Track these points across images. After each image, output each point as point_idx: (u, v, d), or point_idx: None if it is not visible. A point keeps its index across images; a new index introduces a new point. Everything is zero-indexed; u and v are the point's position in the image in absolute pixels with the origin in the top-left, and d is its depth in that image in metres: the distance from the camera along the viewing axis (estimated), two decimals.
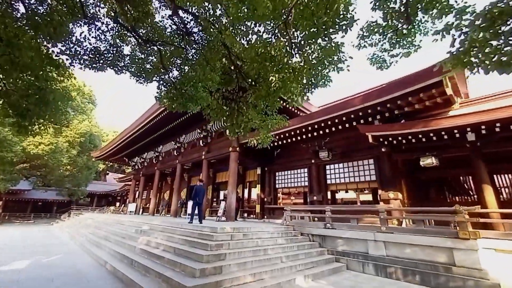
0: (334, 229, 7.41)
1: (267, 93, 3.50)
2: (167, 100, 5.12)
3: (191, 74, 5.08)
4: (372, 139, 7.90)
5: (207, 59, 4.49)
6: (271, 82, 3.08)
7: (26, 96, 3.28)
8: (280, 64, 2.95)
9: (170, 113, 11.94)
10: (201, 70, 4.52)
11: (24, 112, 3.32)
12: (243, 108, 3.70)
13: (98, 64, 5.41)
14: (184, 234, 6.60)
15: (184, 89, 5.14)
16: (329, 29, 2.43)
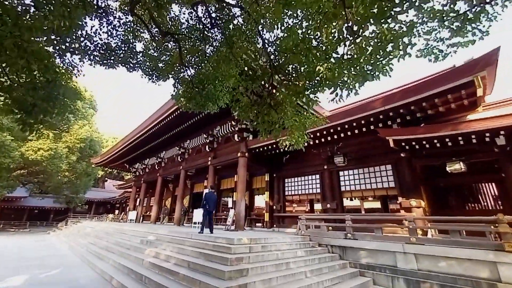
0: (356, 240, 6.91)
1: (304, 88, 3.10)
2: (184, 99, 4.71)
3: (210, 71, 4.69)
4: (393, 144, 7.51)
5: (233, 52, 4.10)
6: (316, 73, 2.69)
7: (32, 90, 2.87)
8: (329, 52, 2.56)
9: (177, 117, 11.52)
10: (224, 65, 4.12)
11: (29, 108, 2.89)
12: (276, 105, 3.30)
13: (109, 61, 5.02)
14: (197, 245, 6.07)
15: (202, 87, 4.74)
16: (396, 7, 2.06)
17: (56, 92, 3.05)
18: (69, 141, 20.96)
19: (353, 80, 2.49)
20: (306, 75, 3.05)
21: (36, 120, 3.03)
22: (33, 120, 3.02)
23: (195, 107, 4.98)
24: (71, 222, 24.14)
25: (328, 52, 2.59)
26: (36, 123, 3.06)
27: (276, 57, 3.26)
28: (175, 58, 4.71)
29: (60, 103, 3.20)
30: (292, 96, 3.17)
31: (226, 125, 12.31)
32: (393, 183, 8.65)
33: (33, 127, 3.07)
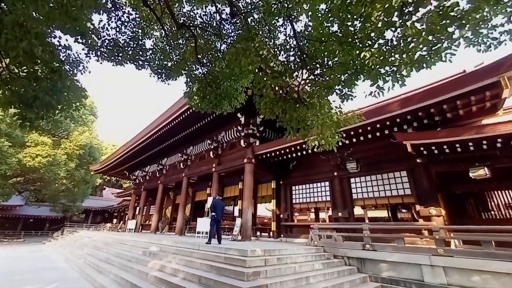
0: (375, 251, 6.44)
1: (339, 81, 2.77)
2: (198, 98, 4.37)
3: (225, 67, 4.37)
4: (411, 148, 7.16)
5: (254, 45, 3.79)
6: (357, 62, 2.36)
7: (34, 80, 2.52)
8: (374, 38, 2.25)
9: (183, 121, 11.17)
10: (244, 58, 3.80)
11: (30, 101, 2.54)
12: (306, 101, 2.95)
13: (117, 57, 4.69)
14: (206, 257, 5.60)
15: (217, 85, 4.41)
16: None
17: (61, 84, 2.70)
18: (68, 148, 20.49)
19: (408, 67, 2.16)
20: (341, 66, 2.72)
21: (37, 115, 2.67)
22: (34, 115, 2.66)
23: (208, 107, 4.65)
24: (67, 232, 23.35)
25: (371, 38, 2.28)
26: (37, 119, 2.70)
27: (306, 47, 2.94)
28: (189, 53, 4.40)
29: (64, 97, 2.84)
30: (324, 90, 2.83)
31: (232, 130, 11.97)
32: (409, 190, 8.25)
33: (33, 123, 2.71)
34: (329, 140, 3.11)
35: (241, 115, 10.72)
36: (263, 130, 11.41)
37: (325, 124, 3.05)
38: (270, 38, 4.17)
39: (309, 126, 3.11)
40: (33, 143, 17.38)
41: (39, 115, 2.71)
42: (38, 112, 2.68)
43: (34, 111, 2.62)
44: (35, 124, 2.76)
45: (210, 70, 4.60)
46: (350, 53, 2.52)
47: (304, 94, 3.03)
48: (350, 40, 2.51)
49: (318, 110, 2.93)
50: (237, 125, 11.26)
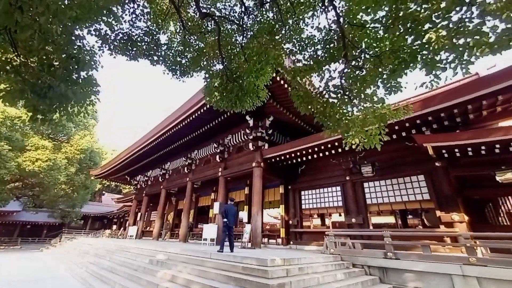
0: (398, 260, 6.06)
1: (390, 69, 2.48)
2: (218, 94, 4.07)
3: (245, 63, 4.10)
4: (432, 151, 6.88)
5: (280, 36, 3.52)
6: (423, 44, 2.08)
7: (49, 68, 2.22)
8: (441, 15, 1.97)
9: (193, 121, 10.81)
10: (266, 52, 3.52)
11: (43, 90, 2.24)
12: (348, 93, 2.66)
13: (131, 52, 4.41)
14: (221, 267, 5.21)
15: (240, 81, 4.12)
16: None
17: (77, 74, 2.40)
18: (69, 152, 20.09)
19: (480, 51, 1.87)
20: (391, 54, 2.44)
21: (51, 107, 2.36)
22: (47, 107, 2.34)
23: (228, 104, 4.35)
24: (65, 238, 22.73)
25: (432, 20, 2.00)
26: (50, 111, 2.39)
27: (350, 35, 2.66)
28: (209, 47, 4.12)
29: (80, 89, 2.54)
30: (368, 82, 2.54)
31: (239, 133, 11.67)
32: (427, 195, 7.91)
33: (46, 116, 2.39)
34: (371, 137, 2.80)
35: (250, 118, 10.44)
36: (272, 133, 11.11)
37: (369, 119, 2.75)
38: (296, 30, 3.90)
39: (350, 121, 2.81)
40: (33, 147, 17.00)
41: (52, 107, 2.41)
42: (52, 104, 2.38)
43: (47, 102, 2.32)
44: (47, 117, 2.44)
45: (230, 65, 4.32)
46: (404, 39, 2.24)
47: (346, 86, 2.74)
48: (403, 23, 2.23)
49: (361, 103, 2.64)
50: (245, 128, 10.96)
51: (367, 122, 2.76)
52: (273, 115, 10.24)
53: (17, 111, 15.68)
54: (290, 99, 8.61)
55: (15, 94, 2.19)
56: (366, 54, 2.64)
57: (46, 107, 2.36)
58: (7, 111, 14.97)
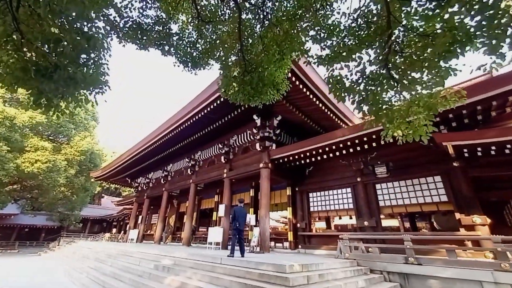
0: (421, 265, 5.71)
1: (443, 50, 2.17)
2: (237, 85, 3.75)
3: (262, 53, 3.80)
4: (452, 150, 6.56)
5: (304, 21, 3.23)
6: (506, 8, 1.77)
7: (55, 43, 1.91)
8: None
9: (198, 121, 10.46)
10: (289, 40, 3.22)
11: (49, 70, 1.92)
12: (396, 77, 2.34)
13: (141, 41, 4.10)
14: (235, 273, 4.84)
15: (260, 71, 3.81)
16: None
17: (87, 55, 2.09)
18: (69, 153, 19.70)
19: None
20: (444, 32, 2.13)
21: (56, 91, 2.04)
22: (52, 91, 2.02)
23: (245, 98, 4.03)
24: (64, 242, 22.21)
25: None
26: (57, 96, 2.07)
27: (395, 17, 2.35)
28: (226, 35, 3.82)
29: (89, 72, 2.22)
30: (420, 63, 2.23)
31: (245, 133, 11.35)
32: (445, 196, 7.57)
33: (51, 101, 2.07)
34: (418, 129, 2.48)
35: (257, 117, 10.13)
36: (279, 133, 10.79)
37: (414, 108, 2.43)
38: (322, 16, 3.61)
39: (391, 111, 2.50)
40: (33, 148, 16.63)
41: (58, 92, 2.09)
42: (58, 88, 2.06)
43: (51, 86, 2.00)
44: (53, 103, 2.12)
45: (247, 55, 4.01)
46: None
47: (385, 72, 2.42)
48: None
49: (404, 90, 2.32)
50: (252, 128, 10.64)
51: (412, 112, 2.44)
52: (281, 114, 9.93)
53: (16, 110, 15.38)
54: (301, 97, 8.36)
55: (16, 72, 1.87)
56: (414, 33, 2.34)
57: (51, 91, 2.04)
58: (6, 111, 14.64)
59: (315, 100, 8.32)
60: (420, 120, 2.47)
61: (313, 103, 8.42)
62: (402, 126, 2.56)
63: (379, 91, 2.47)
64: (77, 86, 2.18)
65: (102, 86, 2.58)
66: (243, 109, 9.24)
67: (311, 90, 7.98)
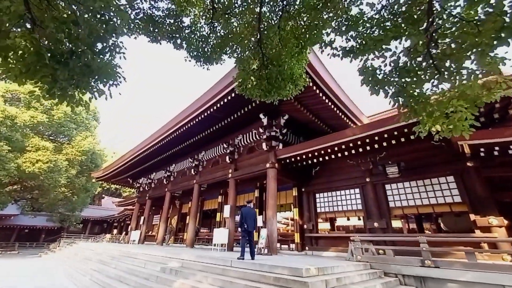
0: (438, 268, 5.51)
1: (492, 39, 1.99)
2: (255, 79, 3.57)
3: (278, 46, 3.63)
4: (469, 149, 6.38)
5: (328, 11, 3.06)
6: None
7: (71, 26, 1.72)
8: None
9: (205, 119, 10.24)
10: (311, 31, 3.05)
11: (65, 56, 1.74)
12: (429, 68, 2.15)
13: (153, 33, 3.92)
14: (248, 277, 4.65)
15: (278, 64, 3.63)
16: None
17: (104, 42, 1.90)
18: (70, 153, 19.50)
19: None
20: (492, 17, 1.96)
21: (71, 80, 1.86)
22: (66, 81, 1.83)
23: (261, 93, 3.85)
24: (65, 243, 21.97)
25: None
26: (72, 85, 1.88)
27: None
28: (243, 26, 3.63)
29: (106, 60, 2.03)
30: (463, 52, 2.05)
31: (251, 133, 11.16)
32: (458, 197, 7.39)
33: (66, 90, 1.88)
34: (458, 123, 2.30)
35: (264, 116, 9.95)
36: (285, 133, 10.61)
37: (454, 102, 2.25)
38: (344, 7, 3.44)
39: (427, 104, 2.32)
40: (34, 148, 16.42)
41: (74, 81, 1.90)
42: (73, 76, 1.88)
43: (66, 73, 1.81)
44: (67, 92, 1.93)
45: (264, 49, 3.82)
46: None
47: (421, 62, 2.24)
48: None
49: (450, 79, 2.14)
50: (258, 127, 10.46)
51: (453, 105, 2.26)
52: (289, 113, 9.75)
53: (17, 110, 15.18)
54: (311, 95, 8.17)
55: (29, 57, 1.68)
56: (456, 21, 2.16)
57: (66, 79, 1.85)
58: (7, 110, 14.45)
59: (324, 98, 8.14)
60: (462, 113, 2.28)
61: (322, 101, 8.24)
62: (440, 120, 2.38)
63: (416, 82, 2.28)
64: (93, 75, 1.99)
65: (117, 77, 2.39)
66: (254, 105, 8.97)
67: (321, 88, 7.80)
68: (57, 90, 1.89)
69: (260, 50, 3.49)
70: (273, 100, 4.12)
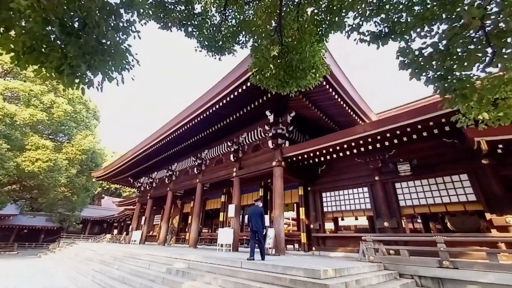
0: (457, 269, 5.29)
1: None
2: (274, 68, 3.34)
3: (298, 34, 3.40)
4: (486, 146, 6.16)
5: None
6: None
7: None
8: None
9: (209, 116, 9.98)
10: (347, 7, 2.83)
11: (78, 28, 1.51)
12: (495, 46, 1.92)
13: (163, 19, 3.68)
14: (262, 279, 4.41)
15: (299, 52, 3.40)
16: None
17: (117, 17, 1.67)
18: (70, 152, 19.22)
19: None
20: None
21: (84, 57, 1.63)
22: (77, 58, 1.60)
23: (278, 83, 3.61)
24: (64, 243, 21.67)
25: None
26: (84, 62, 1.64)
27: None
28: (261, 11, 3.40)
29: (119, 37, 1.80)
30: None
31: (256, 131, 10.93)
32: (473, 196, 7.17)
33: (76, 70, 1.64)
34: (508, 111, 2.08)
35: (270, 113, 9.72)
36: (291, 131, 10.38)
37: (503, 88, 2.02)
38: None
39: (473, 89, 2.09)
40: (34, 146, 16.14)
41: (86, 57, 1.67)
42: (84, 54, 1.65)
43: (77, 49, 1.58)
44: (80, 70, 1.69)
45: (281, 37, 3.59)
46: None
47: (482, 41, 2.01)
48: None
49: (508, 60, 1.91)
50: (264, 125, 10.23)
51: (504, 90, 2.04)
52: (295, 110, 9.52)
53: (16, 107, 14.90)
54: (321, 90, 7.93)
55: (36, 27, 1.44)
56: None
57: (76, 57, 1.61)
58: (6, 108, 14.18)
59: (334, 94, 7.91)
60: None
61: (332, 97, 8.02)
62: (487, 107, 2.15)
63: (464, 65, 2.06)
64: (106, 54, 1.76)
65: (130, 59, 2.16)
66: (264, 99, 8.69)
67: (331, 84, 7.58)
68: (66, 68, 1.65)
69: (280, 36, 3.25)
70: (289, 91, 3.89)
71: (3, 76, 17.62)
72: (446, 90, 2.21)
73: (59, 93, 19.03)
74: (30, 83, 16.56)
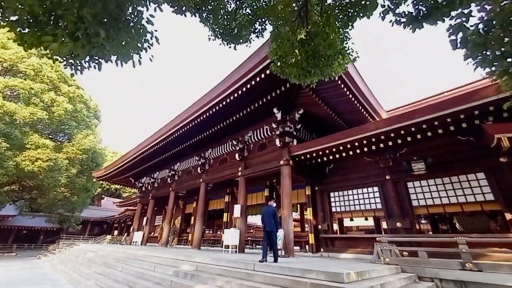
0: (481, 272, 5.04)
1: None
2: (299, 54, 3.08)
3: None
4: (508, 143, 5.91)
5: None
6: None
7: None
8: None
9: (208, 118, 9.77)
10: None
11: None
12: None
13: (178, 2, 3.43)
14: (278, 283, 4.14)
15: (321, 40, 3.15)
16: None
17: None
18: (71, 152, 18.91)
19: None
20: None
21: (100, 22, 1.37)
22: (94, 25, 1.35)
23: (300, 72, 3.36)
24: (64, 245, 21.33)
25: None
26: (96, 34, 1.39)
27: None
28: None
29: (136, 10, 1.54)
30: None
31: (262, 129, 10.67)
32: (490, 195, 6.92)
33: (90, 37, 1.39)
34: None
35: (278, 111, 9.47)
36: (299, 129, 10.13)
37: None
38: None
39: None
40: (34, 146, 15.83)
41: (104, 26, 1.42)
42: (102, 21, 1.40)
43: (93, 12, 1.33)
44: (97, 40, 1.43)
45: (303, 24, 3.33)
46: None
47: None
48: None
49: None
50: (271, 123, 9.97)
51: None
52: (304, 107, 9.26)
53: (16, 106, 14.61)
54: (332, 86, 7.68)
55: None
56: None
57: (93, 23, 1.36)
58: (5, 106, 13.89)
59: (346, 90, 7.66)
60: None
61: (343, 93, 7.77)
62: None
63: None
64: (125, 24, 1.51)
65: (150, 36, 1.90)
66: (274, 95, 8.40)
67: (342, 79, 7.33)
68: (82, 35, 1.40)
69: (306, 19, 2.99)
70: (311, 82, 3.63)
71: (3, 74, 17.33)
72: (505, 71, 1.95)
73: (60, 91, 18.74)
74: (31, 81, 16.27)
